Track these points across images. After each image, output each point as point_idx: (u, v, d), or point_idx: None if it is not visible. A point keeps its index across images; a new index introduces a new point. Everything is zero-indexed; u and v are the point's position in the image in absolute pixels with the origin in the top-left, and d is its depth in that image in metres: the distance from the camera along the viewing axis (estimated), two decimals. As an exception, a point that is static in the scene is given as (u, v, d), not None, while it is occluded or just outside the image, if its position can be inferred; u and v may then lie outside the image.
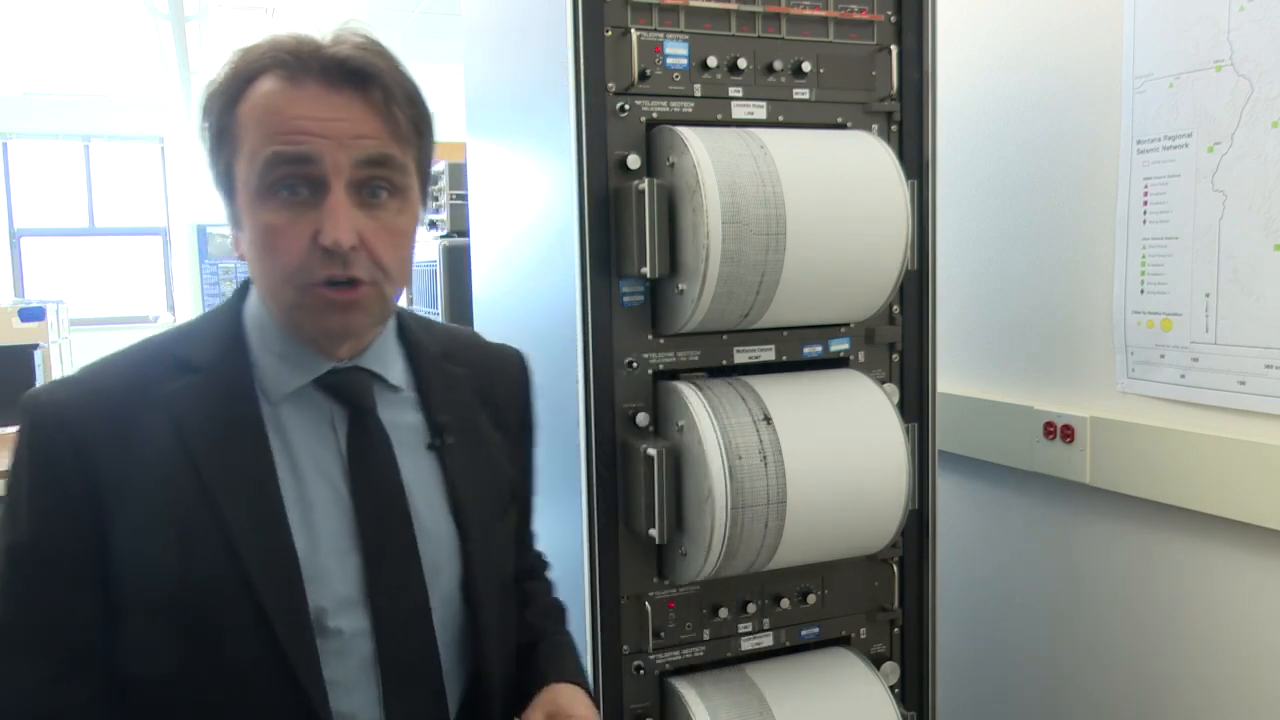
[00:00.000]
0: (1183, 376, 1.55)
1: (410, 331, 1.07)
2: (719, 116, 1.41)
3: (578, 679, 1.10)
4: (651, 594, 1.42)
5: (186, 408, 0.91)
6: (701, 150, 1.29)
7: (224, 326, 0.97)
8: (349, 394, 0.98)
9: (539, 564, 1.28)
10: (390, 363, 1.03)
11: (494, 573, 1.05)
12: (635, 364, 1.39)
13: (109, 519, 0.88)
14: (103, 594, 0.89)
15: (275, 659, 0.89)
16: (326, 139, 0.88)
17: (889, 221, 1.39)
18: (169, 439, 0.90)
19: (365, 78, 0.90)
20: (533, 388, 1.18)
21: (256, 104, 0.89)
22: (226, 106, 0.91)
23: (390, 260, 0.92)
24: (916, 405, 1.55)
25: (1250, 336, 1.44)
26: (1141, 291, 1.60)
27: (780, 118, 1.45)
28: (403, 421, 1.02)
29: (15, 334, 5.21)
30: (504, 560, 1.09)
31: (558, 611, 1.25)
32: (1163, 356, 1.58)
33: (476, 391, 1.09)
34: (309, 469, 0.95)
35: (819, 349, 1.50)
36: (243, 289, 1.01)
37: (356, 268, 0.89)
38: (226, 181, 0.92)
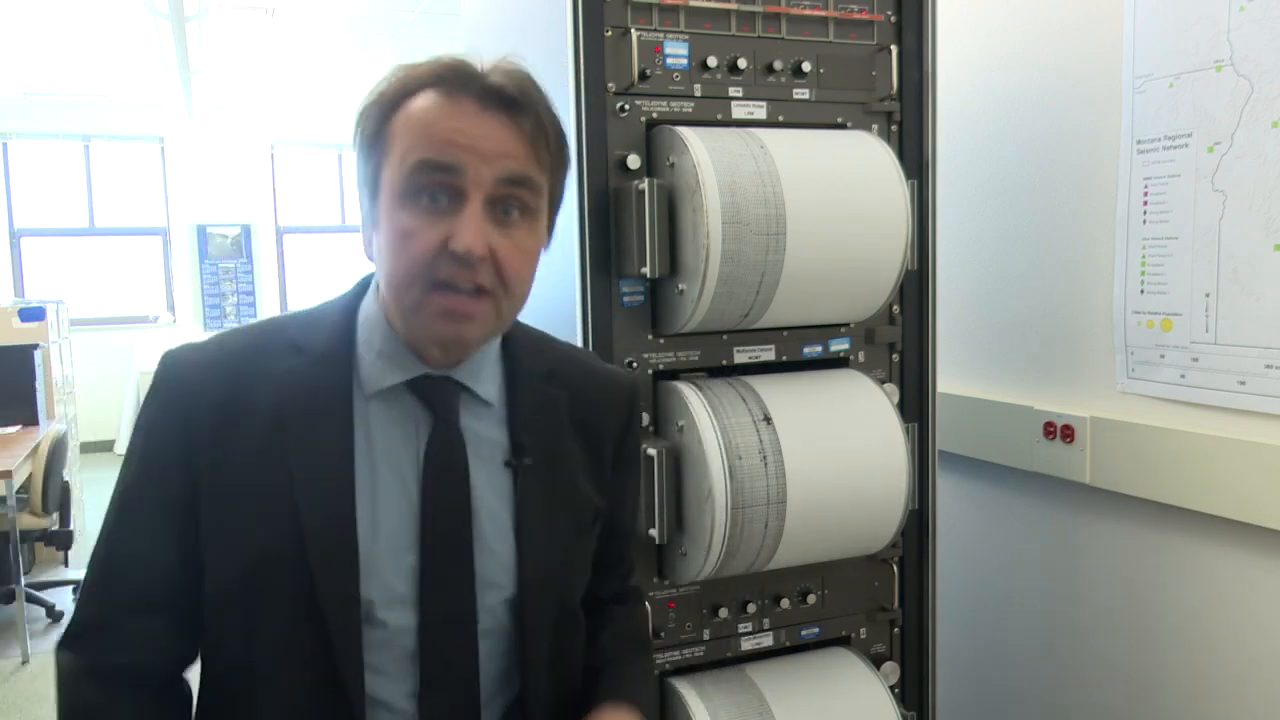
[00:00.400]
0: (1183, 376, 1.55)
1: (514, 348, 1.08)
2: (719, 116, 1.41)
3: (634, 700, 1.10)
4: (651, 594, 1.42)
5: (288, 389, 0.96)
6: (701, 150, 1.29)
7: (338, 318, 1.02)
8: (435, 400, 1.01)
9: (631, 594, 1.26)
10: (485, 378, 1.04)
11: (552, 596, 1.05)
12: (635, 364, 1.39)
13: (213, 476, 0.95)
14: (189, 550, 0.96)
15: (319, 638, 0.94)
16: (473, 153, 0.92)
17: (889, 221, 1.39)
18: (269, 416, 0.95)
19: (518, 106, 0.94)
20: (638, 415, 1.18)
21: (413, 115, 0.94)
22: (383, 115, 0.95)
23: (513, 277, 0.95)
24: (916, 405, 1.56)
25: (1250, 336, 1.44)
26: (1141, 291, 1.60)
27: (780, 118, 1.45)
28: (485, 435, 1.04)
29: (15, 334, 5.21)
30: (570, 585, 1.09)
31: (635, 638, 1.23)
32: (1163, 356, 1.58)
33: (570, 414, 1.09)
34: (385, 465, 0.98)
35: (819, 349, 1.50)
36: (362, 286, 1.05)
37: (487, 278, 0.93)
38: (373, 184, 0.96)
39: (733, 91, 1.42)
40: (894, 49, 1.48)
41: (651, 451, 1.32)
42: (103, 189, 8.67)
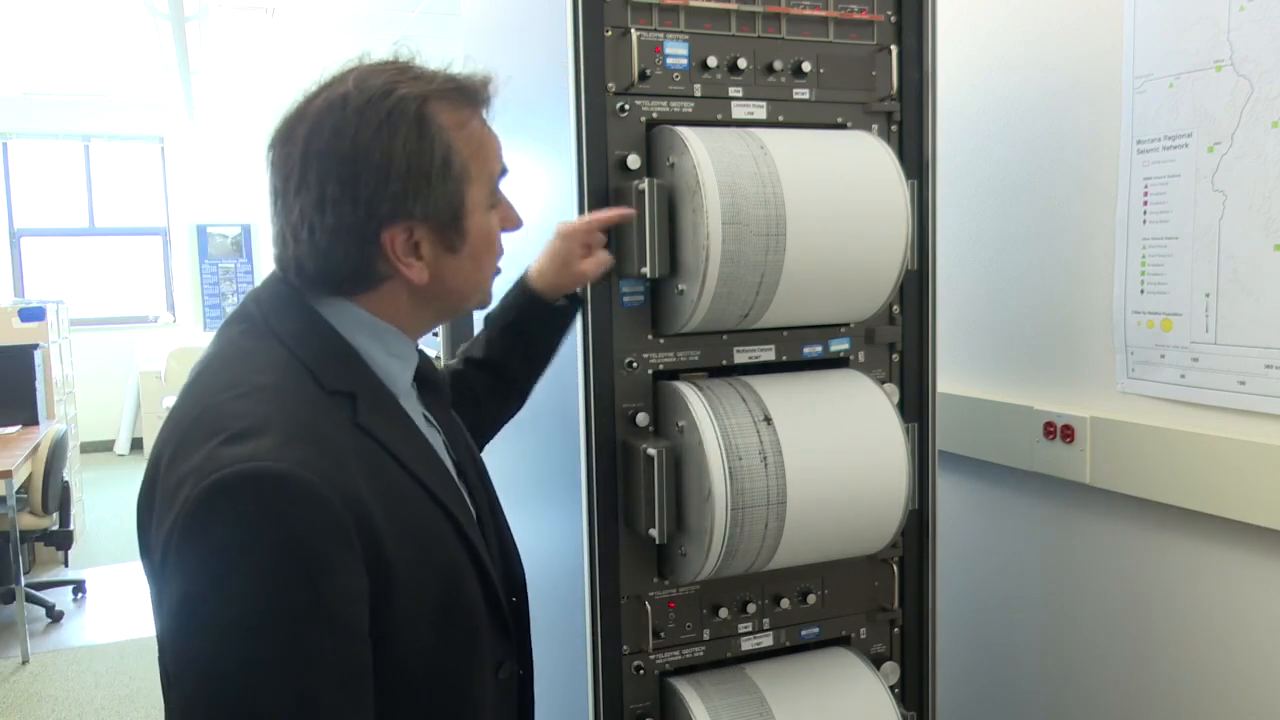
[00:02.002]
0: (1183, 376, 1.55)
1: None
2: (719, 116, 1.41)
3: None
4: (651, 594, 1.42)
5: (378, 427, 0.95)
6: (702, 150, 1.29)
7: (337, 348, 0.98)
8: (427, 371, 1.12)
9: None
10: None
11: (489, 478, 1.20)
12: (635, 364, 1.39)
13: (389, 563, 0.88)
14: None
15: (500, 624, 1.04)
16: None
17: (889, 221, 1.39)
18: (384, 460, 0.94)
19: (488, 105, 1.04)
20: None
21: (473, 132, 1.00)
22: (437, 142, 0.96)
23: None
24: (916, 405, 1.56)
25: (1250, 336, 1.44)
26: (1141, 291, 1.60)
27: (780, 118, 1.45)
28: None
29: (15, 334, 5.22)
30: None
31: None
32: (1163, 356, 1.58)
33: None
34: (431, 440, 1.06)
35: (819, 349, 1.50)
36: (302, 308, 0.99)
37: None
38: (458, 211, 0.99)
39: (733, 91, 1.42)
40: (894, 49, 1.48)
41: (651, 451, 1.32)
42: (103, 189, 8.67)
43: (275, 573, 0.80)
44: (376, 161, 0.92)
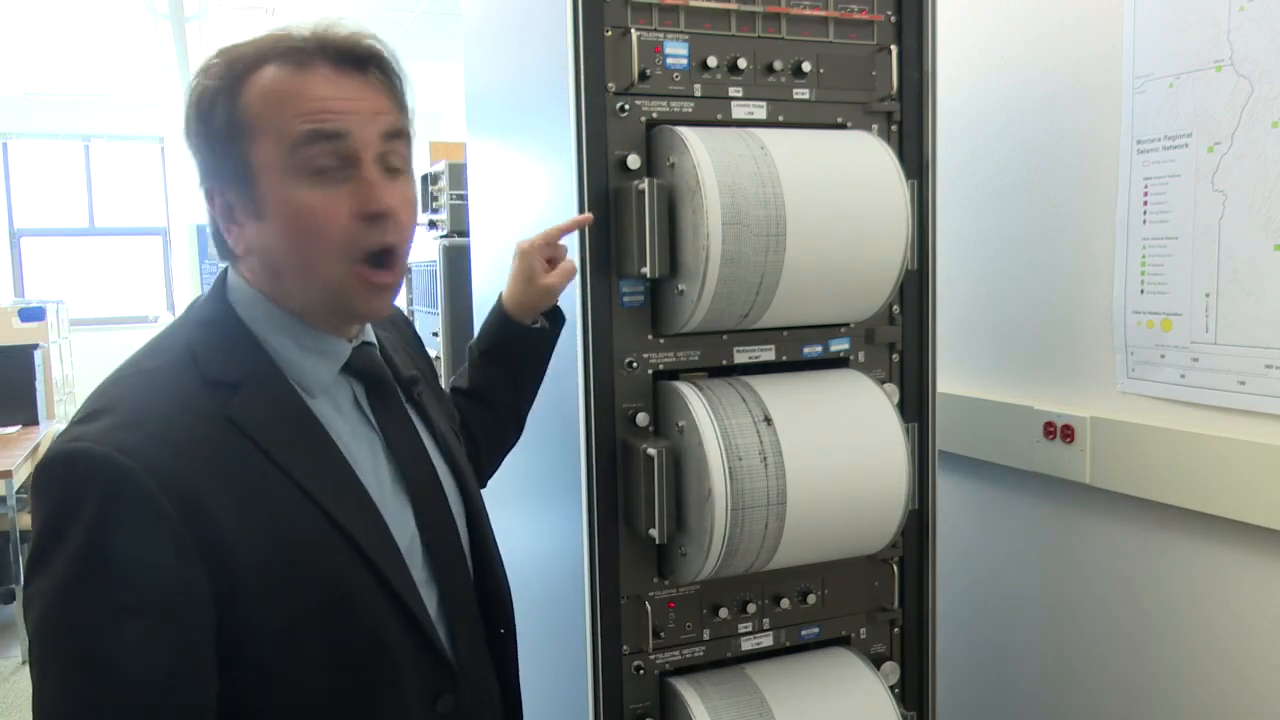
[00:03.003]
0: (1183, 376, 1.55)
1: None
2: (719, 116, 1.41)
3: None
4: (651, 594, 1.42)
5: (252, 422, 0.91)
6: (702, 151, 1.29)
7: (235, 337, 0.96)
8: (369, 370, 1.04)
9: None
10: (371, 332, 1.09)
11: (480, 495, 1.16)
12: (635, 364, 1.39)
13: (225, 554, 0.86)
14: (213, 641, 0.87)
15: (405, 624, 0.96)
16: (354, 115, 0.92)
17: (889, 221, 1.39)
18: (252, 455, 0.90)
19: (366, 59, 0.94)
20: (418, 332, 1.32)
21: (268, 90, 0.91)
22: (229, 101, 0.92)
23: (409, 228, 0.98)
24: (916, 405, 1.55)
25: (1250, 336, 1.44)
26: (1141, 291, 1.60)
27: (780, 118, 1.45)
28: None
29: (15, 334, 5.22)
30: (477, 483, 1.21)
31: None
32: (1163, 356, 1.57)
33: (404, 347, 1.19)
34: (355, 449, 0.99)
35: (819, 349, 1.50)
36: (219, 297, 0.99)
37: (395, 234, 0.94)
38: (240, 173, 0.92)
39: (733, 91, 1.42)
40: (894, 49, 1.48)
41: (651, 451, 1.32)
42: (103, 189, 8.67)
43: (78, 553, 0.82)
44: (194, 126, 0.94)
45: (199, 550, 0.84)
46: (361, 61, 0.94)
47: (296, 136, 0.90)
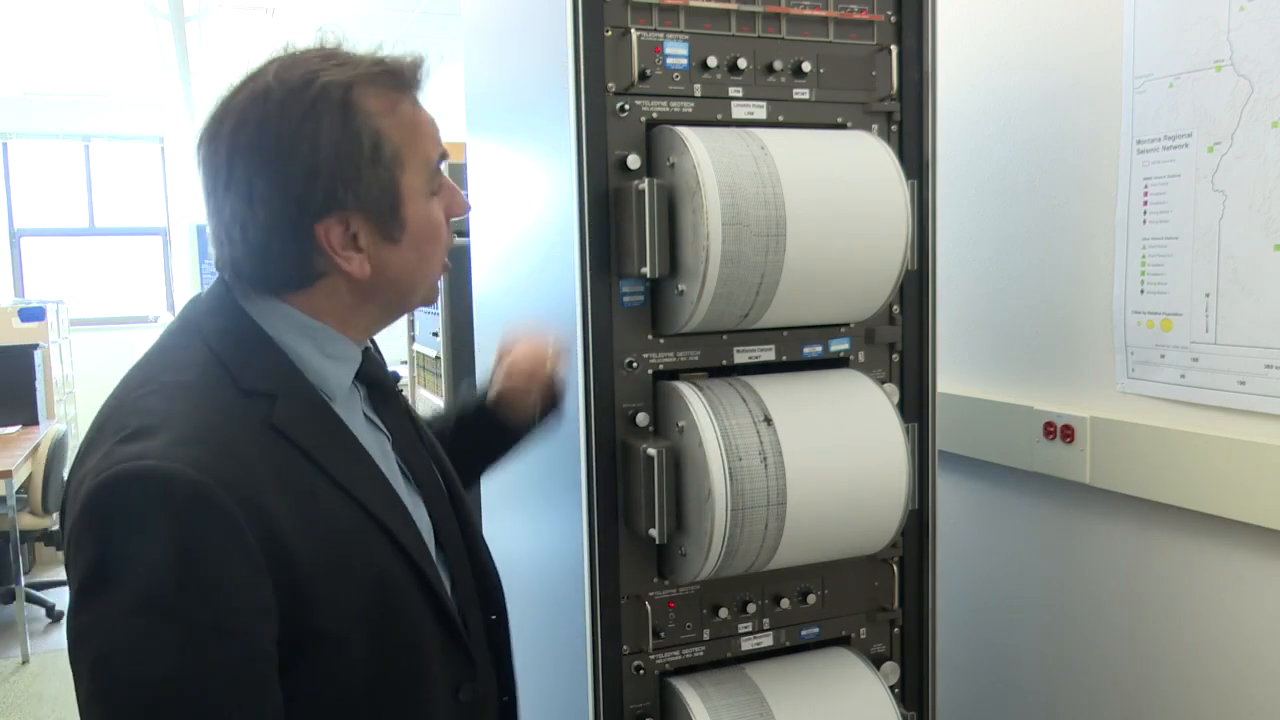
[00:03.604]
0: (1183, 376, 1.55)
1: None
2: (719, 116, 1.41)
3: None
4: (651, 594, 1.42)
5: (295, 429, 0.92)
6: (702, 151, 1.29)
7: (261, 348, 0.96)
8: (376, 373, 1.07)
9: None
10: None
11: (458, 482, 1.19)
12: (635, 364, 1.39)
13: (290, 562, 0.86)
14: (279, 648, 0.87)
15: (455, 642, 1.01)
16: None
17: (889, 221, 1.39)
18: (300, 462, 0.91)
19: (419, 88, 1.01)
20: None
21: (405, 117, 0.97)
22: (367, 128, 0.93)
23: None
24: (916, 405, 1.55)
25: (1250, 336, 1.44)
26: (1141, 291, 1.60)
27: (780, 118, 1.45)
28: None
29: (15, 334, 5.22)
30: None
31: None
32: (1163, 356, 1.57)
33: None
34: (372, 450, 1.01)
35: (819, 349, 1.50)
36: (232, 308, 0.98)
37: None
38: (389, 195, 0.95)
39: (733, 91, 1.42)
40: (894, 49, 1.48)
41: (651, 451, 1.32)
42: (103, 189, 8.66)
43: (156, 575, 0.79)
44: (303, 153, 0.90)
45: (267, 562, 0.84)
46: (419, 89, 1.02)
47: (436, 159, 1.00)
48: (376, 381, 1.07)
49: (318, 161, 0.90)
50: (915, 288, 1.54)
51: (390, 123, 0.94)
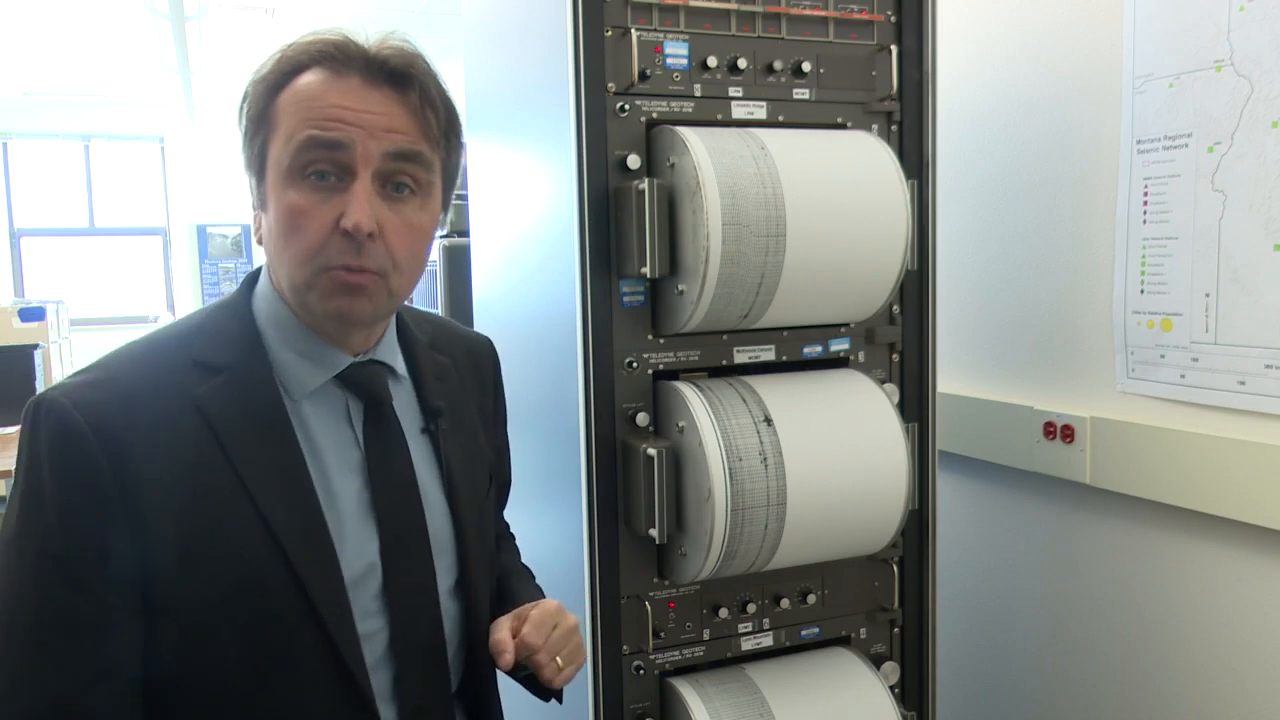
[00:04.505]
0: (1183, 376, 1.55)
1: (402, 319, 1.12)
2: (719, 116, 1.41)
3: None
4: (651, 594, 1.42)
5: (217, 410, 0.93)
6: (702, 151, 1.29)
7: (238, 326, 0.99)
8: (367, 387, 1.02)
9: (508, 531, 1.37)
10: (395, 353, 1.08)
11: (484, 549, 1.12)
12: (635, 364, 1.39)
13: (147, 522, 0.88)
14: (135, 599, 0.89)
15: (323, 645, 0.93)
16: (360, 128, 0.93)
17: (889, 221, 1.39)
18: (205, 441, 0.91)
19: (404, 79, 0.96)
20: (500, 370, 1.26)
21: (298, 91, 0.94)
22: (268, 94, 0.95)
23: (403, 254, 0.96)
24: (916, 405, 1.55)
25: (1250, 336, 1.44)
26: (1141, 291, 1.60)
27: (780, 118, 1.45)
28: (405, 408, 1.07)
29: (15, 334, 5.22)
30: (489, 536, 1.16)
31: (523, 565, 1.33)
32: (1163, 356, 1.58)
33: (459, 379, 1.15)
34: (331, 460, 0.98)
35: (819, 349, 1.50)
36: (248, 286, 1.04)
37: (369, 257, 0.93)
38: (259, 164, 0.96)
39: (733, 91, 1.42)
40: (894, 49, 1.48)
41: (651, 452, 1.32)
42: (103, 189, 8.68)
43: (14, 494, 0.89)
44: (239, 115, 0.98)
45: (124, 511, 0.87)
46: (401, 79, 0.96)
47: (300, 139, 0.92)
48: (373, 399, 1.02)
49: (240, 121, 0.97)
50: (915, 288, 1.54)
51: (288, 92, 0.95)
